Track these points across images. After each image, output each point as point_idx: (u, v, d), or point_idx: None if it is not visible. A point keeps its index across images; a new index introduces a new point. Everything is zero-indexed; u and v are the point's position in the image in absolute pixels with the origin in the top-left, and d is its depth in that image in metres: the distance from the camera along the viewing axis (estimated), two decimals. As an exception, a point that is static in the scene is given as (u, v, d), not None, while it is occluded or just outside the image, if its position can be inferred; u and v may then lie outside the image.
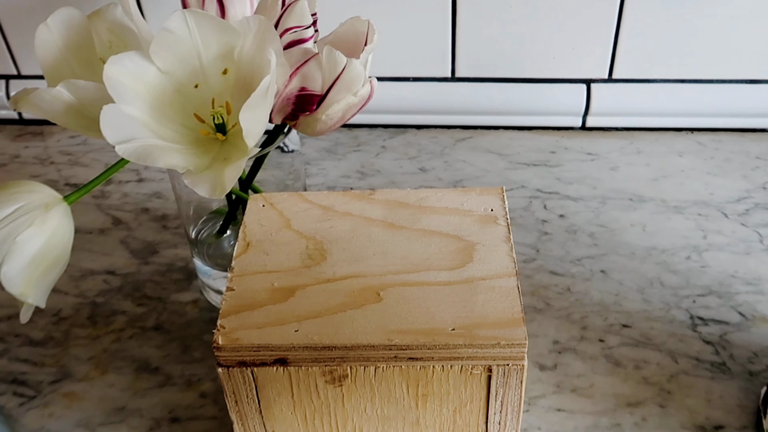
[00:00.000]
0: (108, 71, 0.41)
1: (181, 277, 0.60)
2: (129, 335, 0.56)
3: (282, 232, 0.44)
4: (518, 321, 0.37)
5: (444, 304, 0.38)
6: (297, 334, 0.37)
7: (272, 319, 0.38)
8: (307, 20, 0.45)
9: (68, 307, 0.58)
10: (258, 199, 0.46)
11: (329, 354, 0.37)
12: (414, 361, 0.37)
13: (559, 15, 0.69)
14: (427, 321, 0.37)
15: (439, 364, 0.37)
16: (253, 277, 0.41)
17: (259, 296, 0.40)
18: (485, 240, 0.42)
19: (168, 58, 0.43)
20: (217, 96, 0.45)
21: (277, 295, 0.40)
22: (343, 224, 0.44)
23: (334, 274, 0.41)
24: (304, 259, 0.42)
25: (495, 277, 0.40)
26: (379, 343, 0.37)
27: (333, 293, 0.39)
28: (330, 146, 0.75)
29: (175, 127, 0.45)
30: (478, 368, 0.37)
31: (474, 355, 0.37)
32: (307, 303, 0.39)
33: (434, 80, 0.74)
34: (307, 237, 0.43)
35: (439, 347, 0.37)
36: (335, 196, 0.46)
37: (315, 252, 0.42)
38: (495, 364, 0.37)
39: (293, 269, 0.41)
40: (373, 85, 0.47)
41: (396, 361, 0.37)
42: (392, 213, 0.45)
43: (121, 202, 0.69)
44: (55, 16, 0.47)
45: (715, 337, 0.53)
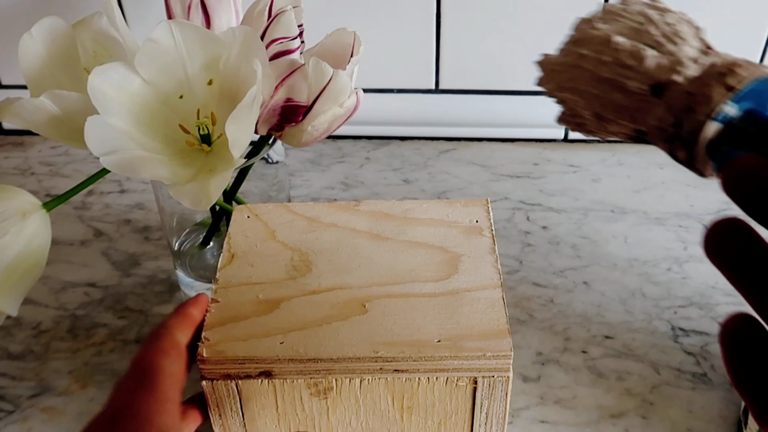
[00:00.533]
0: (92, 82, 0.40)
1: (163, 290, 0.60)
2: (110, 348, 0.55)
3: (267, 243, 0.43)
4: (503, 332, 0.37)
5: (429, 315, 0.38)
6: (282, 346, 0.37)
7: (257, 331, 0.38)
8: (294, 31, 0.45)
9: (48, 320, 0.57)
10: (243, 210, 0.46)
11: (315, 366, 0.37)
12: (399, 373, 0.37)
13: (541, 28, 0.70)
14: (413, 333, 0.37)
15: (424, 376, 0.37)
16: (238, 288, 0.41)
17: (244, 308, 0.39)
18: (470, 251, 0.43)
19: (153, 69, 0.43)
20: (202, 107, 0.45)
21: (262, 307, 0.39)
22: (328, 236, 0.44)
23: (319, 285, 0.41)
24: (289, 271, 0.42)
25: (480, 289, 0.40)
26: (365, 355, 0.37)
27: (318, 305, 0.39)
28: (314, 157, 0.75)
29: (159, 137, 0.44)
30: (463, 380, 0.37)
31: (459, 366, 0.37)
32: (292, 315, 0.39)
33: (418, 92, 0.75)
34: (293, 248, 0.43)
35: (425, 359, 0.37)
36: (320, 207, 0.46)
37: (300, 263, 0.42)
38: (480, 376, 0.37)
39: (278, 281, 0.41)
40: (359, 96, 0.47)
41: (381, 373, 0.37)
42: (378, 224, 0.45)
43: (102, 213, 0.68)
44: (39, 26, 0.46)
45: (697, 348, 0.53)
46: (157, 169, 0.42)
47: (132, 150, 0.41)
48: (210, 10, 0.50)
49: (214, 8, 0.50)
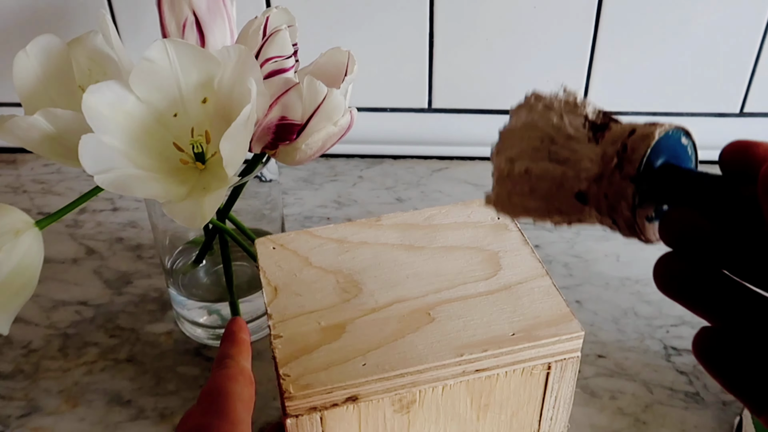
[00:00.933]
0: (87, 100, 0.40)
1: (155, 308, 0.59)
2: (101, 367, 0.55)
3: (305, 270, 0.43)
4: (569, 315, 0.39)
5: (494, 312, 0.39)
6: (365, 367, 0.37)
7: (335, 358, 0.37)
8: (288, 50, 0.45)
9: (39, 339, 0.57)
10: (266, 243, 0.45)
11: (401, 381, 0.37)
12: (480, 372, 0.38)
13: (533, 48, 0.70)
14: (487, 331, 0.38)
15: (503, 371, 0.38)
16: (296, 320, 0.40)
17: (311, 338, 0.38)
18: (505, 247, 0.44)
19: (147, 87, 0.43)
20: (196, 125, 0.45)
21: (329, 334, 0.39)
22: (363, 254, 0.44)
23: (377, 303, 0.41)
24: (339, 294, 0.41)
25: (530, 279, 0.41)
26: (450, 361, 0.37)
27: (384, 322, 0.39)
28: (307, 176, 0.75)
29: (153, 156, 0.44)
30: (537, 368, 0.39)
31: (536, 355, 0.38)
32: (362, 336, 0.39)
33: (411, 111, 0.75)
34: (333, 272, 0.43)
35: (505, 354, 0.38)
36: (344, 227, 0.46)
37: (348, 285, 0.42)
38: (554, 360, 0.39)
39: (333, 305, 0.40)
40: (353, 114, 0.47)
41: (463, 376, 0.38)
42: (407, 235, 0.45)
43: (95, 231, 0.68)
44: (34, 44, 0.46)
45: (689, 367, 0.53)
46: (151, 188, 0.42)
47: (126, 168, 0.41)
48: (205, 29, 0.50)
49: (209, 27, 0.50)
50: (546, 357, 0.39)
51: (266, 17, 0.47)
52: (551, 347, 0.38)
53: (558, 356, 0.39)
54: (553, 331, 0.38)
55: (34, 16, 0.71)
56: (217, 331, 0.56)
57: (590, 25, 0.69)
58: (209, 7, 0.50)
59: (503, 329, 0.39)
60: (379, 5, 0.69)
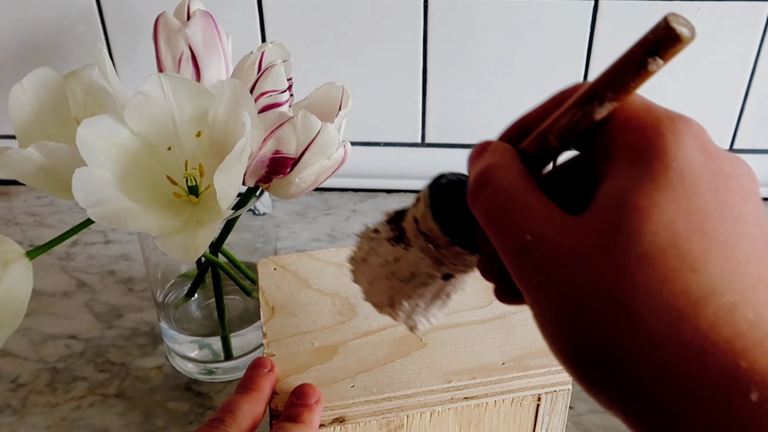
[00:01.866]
0: (81, 134, 0.41)
1: (146, 342, 0.59)
2: (90, 403, 0.54)
3: (303, 292, 0.44)
4: None
5: (486, 341, 0.40)
6: (354, 389, 0.37)
7: (324, 378, 0.38)
8: (283, 85, 0.46)
9: (27, 373, 0.56)
10: (268, 264, 0.46)
11: (388, 405, 0.37)
12: (469, 400, 0.38)
13: (525, 84, 0.71)
14: (477, 359, 0.39)
15: (492, 400, 0.38)
16: (290, 339, 0.41)
17: (303, 358, 0.39)
18: None
19: (142, 121, 0.43)
20: (190, 158, 0.45)
21: (321, 355, 0.40)
22: None
23: (370, 326, 0.41)
24: (335, 316, 0.42)
25: (524, 310, 0.41)
26: (438, 387, 0.37)
27: (376, 345, 0.40)
28: (300, 209, 0.75)
29: (147, 189, 0.44)
30: (527, 398, 0.39)
31: (525, 386, 0.38)
32: (353, 358, 0.39)
33: (404, 145, 0.75)
34: (331, 294, 0.43)
35: (494, 382, 0.38)
36: (345, 252, 0.46)
37: (343, 308, 0.42)
38: (544, 392, 0.38)
39: (328, 327, 0.41)
40: (346, 149, 0.47)
41: (451, 403, 0.38)
42: None
43: (86, 264, 0.67)
44: (31, 77, 0.47)
45: (684, 403, 0.53)
46: (144, 221, 0.42)
47: (119, 202, 0.41)
48: (200, 63, 0.50)
49: (205, 61, 0.51)
50: (536, 388, 0.39)
51: (262, 52, 0.47)
52: (541, 378, 0.38)
53: (548, 388, 0.39)
54: (544, 362, 0.38)
55: (31, 49, 0.71)
56: (208, 365, 0.55)
57: (581, 63, 0.70)
58: (205, 42, 0.50)
59: (494, 358, 0.39)
60: (373, 41, 0.69)
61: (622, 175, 0.22)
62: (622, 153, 0.22)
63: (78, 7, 0.69)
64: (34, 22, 0.70)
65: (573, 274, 0.21)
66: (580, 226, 0.22)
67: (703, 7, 0.66)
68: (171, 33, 0.50)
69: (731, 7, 0.66)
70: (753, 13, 0.66)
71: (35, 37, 0.70)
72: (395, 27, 0.68)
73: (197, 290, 0.56)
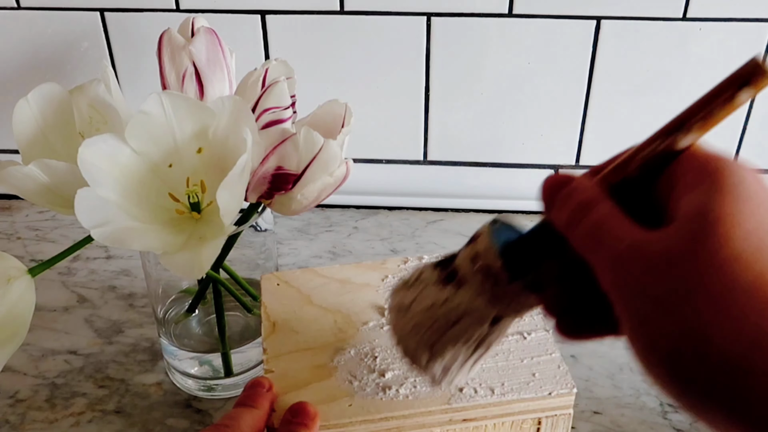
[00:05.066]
0: (82, 154, 0.41)
1: (146, 358, 0.59)
2: (88, 419, 0.53)
3: (305, 308, 0.43)
4: (562, 371, 0.39)
5: (487, 363, 0.39)
6: (351, 408, 0.37)
7: (322, 396, 0.38)
8: (286, 101, 0.46)
9: (26, 389, 0.56)
10: (271, 279, 0.46)
11: (386, 425, 0.37)
12: (467, 422, 0.38)
13: (528, 103, 0.71)
14: (473, 382, 0.38)
15: (491, 422, 0.38)
16: (290, 356, 0.40)
17: (302, 375, 0.39)
18: None
19: (143, 140, 0.44)
20: (191, 175, 0.45)
21: (320, 372, 0.39)
22: (365, 296, 0.44)
23: (371, 345, 0.41)
24: (335, 333, 0.41)
25: (527, 332, 0.41)
26: (436, 408, 0.37)
27: None
28: (302, 226, 0.75)
29: (149, 207, 0.44)
30: (527, 422, 0.38)
31: (525, 409, 0.38)
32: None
33: (406, 163, 0.75)
34: (333, 311, 0.43)
35: (494, 405, 0.37)
36: (348, 268, 0.46)
37: (345, 325, 0.42)
38: (544, 416, 0.38)
39: (328, 344, 0.41)
40: (348, 166, 0.48)
41: (450, 424, 0.37)
42: None
43: (87, 279, 0.67)
44: (36, 92, 0.47)
45: (685, 425, 0.52)
46: (147, 240, 0.42)
47: (122, 221, 0.41)
48: (204, 80, 0.51)
49: (208, 78, 0.51)
50: (536, 411, 0.38)
51: (265, 69, 0.48)
52: (541, 402, 0.38)
53: (548, 411, 0.38)
54: (545, 386, 0.38)
55: (36, 64, 0.72)
56: (208, 382, 0.55)
57: (583, 82, 0.70)
58: (209, 59, 0.51)
59: (494, 380, 0.38)
60: (376, 59, 0.70)
61: (698, 192, 0.24)
62: (691, 175, 0.26)
63: (83, 23, 0.69)
64: (40, 37, 0.70)
65: (669, 277, 0.23)
66: (669, 236, 0.24)
67: (704, 28, 0.66)
68: (175, 49, 0.51)
69: (732, 27, 0.66)
70: (754, 34, 0.66)
71: (40, 52, 0.71)
72: (398, 45, 0.69)
73: (198, 306, 0.56)
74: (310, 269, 0.46)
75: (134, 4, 0.68)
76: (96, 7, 0.68)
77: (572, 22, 0.67)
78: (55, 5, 0.68)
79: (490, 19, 0.67)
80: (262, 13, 0.68)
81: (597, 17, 0.66)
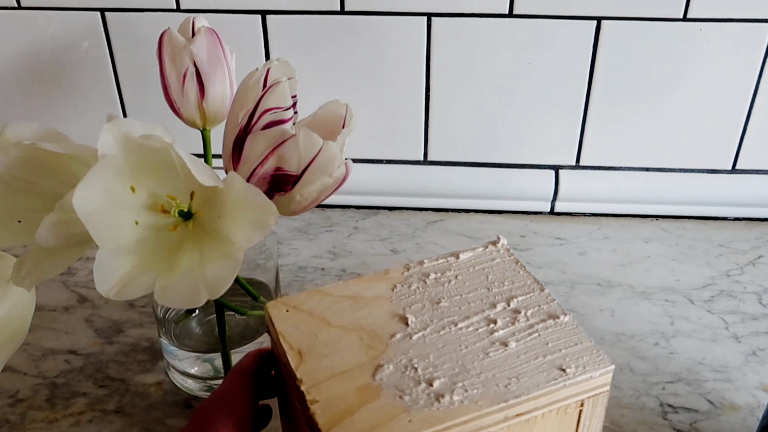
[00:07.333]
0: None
1: (146, 358, 0.59)
2: (88, 419, 0.54)
3: (326, 331, 0.42)
4: (594, 349, 0.39)
5: (523, 356, 0.39)
6: (412, 424, 0.36)
7: (378, 417, 0.36)
8: (287, 102, 0.46)
9: (26, 388, 0.56)
10: (278, 306, 0.43)
11: None
12: (520, 417, 0.38)
13: (528, 103, 0.72)
14: (522, 375, 0.38)
15: (540, 413, 0.38)
16: (329, 382, 0.38)
17: (348, 400, 0.37)
18: (517, 291, 0.44)
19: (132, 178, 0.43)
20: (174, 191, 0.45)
21: (366, 393, 0.37)
22: (380, 308, 0.43)
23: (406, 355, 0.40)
24: (366, 351, 0.40)
25: (549, 318, 0.42)
26: (494, 408, 0.36)
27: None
28: (302, 226, 0.75)
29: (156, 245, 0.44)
30: (571, 406, 0.39)
31: (569, 394, 0.38)
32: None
33: (407, 163, 0.76)
34: (355, 329, 0.41)
35: (543, 395, 0.37)
36: (353, 284, 0.45)
37: (372, 341, 0.40)
38: (586, 397, 0.39)
39: (363, 363, 0.39)
40: (348, 167, 0.48)
41: (505, 422, 0.37)
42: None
43: (87, 279, 0.67)
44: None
45: (686, 425, 0.53)
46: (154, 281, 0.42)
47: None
48: (205, 80, 0.51)
49: (209, 78, 0.51)
50: (579, 394, 0.39)
51: (267, 69, 0.48)
52: (584, 384, 0.38)
53: (590, 392, 0.39)
54: (583, 367, 0.39)
55: (36, 65, 0.72)
56: (208, 382, 0.55)
57: (584, 82, 0.70)
58: (210, 59, 0.51)
59: (537, 371, 0.39)
60: (377, 59, 0.70)
61: None
62: None
63: (83, 23, 0.69)
64: (40, 37, 0.70)
65: None
66: None
67: (704, 28, 0.66)
68: (176, 49, 0.51)
69: (733, 27, 0.66)
70: (755, 34, 0.66)
71: (40, 52, 0.71)
72: (398, 45, 0.69)
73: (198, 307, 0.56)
74: (314, 290, 0.44)
75: (135, 4, 0.68)
76: (96, 7, 0.68)
77: (572, 22, 0.67)
78: (55, 5, 0.68)
79: (490, 19, 0.67)
80: (262, 13, 0.68)
81: (597, 17, 0.66)
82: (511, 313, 0.42)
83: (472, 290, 0.44)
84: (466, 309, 0.43)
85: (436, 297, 0.43)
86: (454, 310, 0.43)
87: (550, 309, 0.42)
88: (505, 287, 0.44)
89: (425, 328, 0.41)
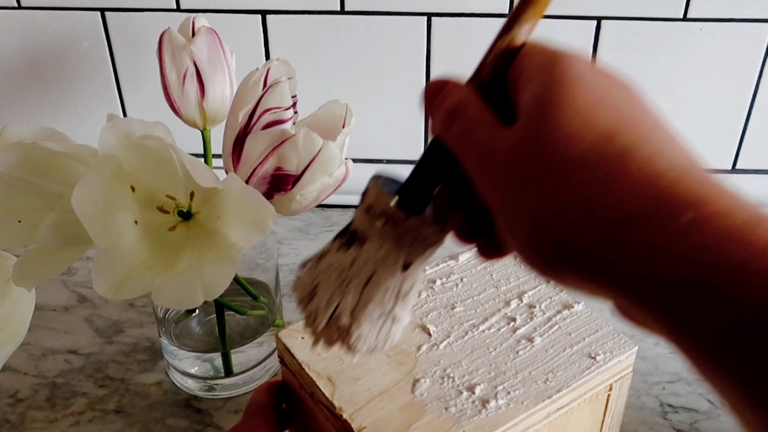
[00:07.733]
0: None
1: (146, 358, 0.59)
2: (88, 418, 0.54)
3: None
4: (617, 333, 0.40)
5: (551, 350, 0.40)
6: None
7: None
8: (287, 102, 0.46)
9: (26, 388, 0.56)
10: (291, 335, 0.41)
11: None
12: (560, 410, 0.38)
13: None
14: (556, 369, 0.39)
15: (577, 403, 0.38)
16: (369, 406, 0.37)
17: (396, 421, 0.36)
18: (526, 285, 0.44)
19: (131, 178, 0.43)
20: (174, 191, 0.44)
21: (411, 411, 0.37)
22: None
23: (438, 365, 0.39)
24: (397, 368, 0.39)
25: (564, 309, 0.42)
26: (539, 407, 0.37)
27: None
28: (302, 226, 0.75)
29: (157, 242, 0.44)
30: (601, 392, 0.39)
31: (602, 379, 0.39)
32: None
33: (407, 163, 0.75)
34: None
35: (580, 386, 0.38)
36: None
37: (400, 357, 0.40)
38: (614, 381, 0.40)
39: (399, 381, 0.38)
40: (348, 166, 0.48)
41: (547, 417, 0.38)
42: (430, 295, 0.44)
43: (87, 279, 0.67)
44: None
45: (686, 425, 0.53)
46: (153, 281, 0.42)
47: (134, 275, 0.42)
48: (205, 79, 0.51)
49: (209, 77, 0.51)
50: (608, 379, 0.39)
51: (267, 69, 0.48)
52: (613, 369, 0.39)
53: (617, 376, 0.40)
54: (611, 352, 0.39)
55: (36, 64, 0.72)
56: (208, 382, 0.55)
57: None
58: (210, 58, 0.51)
59: (569, 363, 0.39)
60: (376, 59, 0.70)
61: (533, 84, 0.27)
62: (528, 71, 0.28)
63: (83, 23, 0.69)
64: (40, 37, 0.70)
65: (520, 163, 0.26)
66: (514, 130, 0.27)
67: (705, 28, 0.66)
68: (176, 49, 0.51)
69: (733, 27, 0.66)
70: (755, 34, 0.66)
71: (40, 52, 0.71)
72: (398, 45, 0.69)
73: (198, 307, 0.56)
74: None
75: (135, 4, 0.68)
76: (96, 6, 0.68)
77: (572, 22, 0.67)
78: (56, 5, 0.68)
79: (490, 19, 0.67)
80: (262, 13, 0.68)
81: (597, 17, 0.67)
82: (527, 309, 0.42)
83: (481, 291, 0.44)
84: (482, 310, 0.43)
85: (449, 302, 0.43)
86: (470, 313, 0.42)
87: (562, 299, 0.43)
88: (513, 283, 0.44)
89: (449, 336, 0.41)
